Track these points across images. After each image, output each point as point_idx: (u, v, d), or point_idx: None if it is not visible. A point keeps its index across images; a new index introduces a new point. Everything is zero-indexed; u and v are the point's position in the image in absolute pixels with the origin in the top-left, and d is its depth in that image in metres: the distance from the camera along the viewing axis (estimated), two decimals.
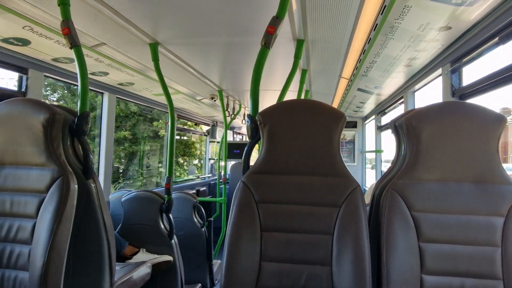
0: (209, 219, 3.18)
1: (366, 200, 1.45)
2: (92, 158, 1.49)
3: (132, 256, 2.19)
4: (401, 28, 1.68)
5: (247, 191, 1.30)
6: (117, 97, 3.08)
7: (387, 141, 4.20)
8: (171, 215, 2.30)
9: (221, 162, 4.70)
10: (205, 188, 5.26)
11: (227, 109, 4.07)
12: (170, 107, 2.38)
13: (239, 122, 6.24)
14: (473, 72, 1.85)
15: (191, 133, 5.86)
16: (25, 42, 1.89)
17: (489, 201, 1.19)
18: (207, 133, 6.03)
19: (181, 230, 2.85)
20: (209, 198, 4.82)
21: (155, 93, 3.40)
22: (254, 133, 1.40)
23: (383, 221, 1.22)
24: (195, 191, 4.76)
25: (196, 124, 5.57)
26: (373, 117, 4.41)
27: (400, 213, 1.21)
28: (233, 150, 4.82)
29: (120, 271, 1.78)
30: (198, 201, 2.94)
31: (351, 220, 1.22)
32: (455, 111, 1.23)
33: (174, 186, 4.01)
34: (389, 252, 1.19)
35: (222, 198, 4.11)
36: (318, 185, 1.28)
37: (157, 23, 1.87)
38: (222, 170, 4.49)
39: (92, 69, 2.49)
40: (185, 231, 2.88)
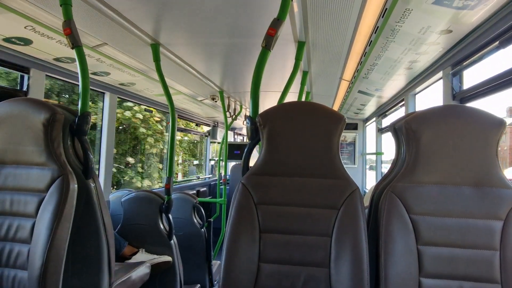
0: (208, 219, 3.18)
1: (366, 202, 1.45)
2: (92, 158, 1.50)
3: (131, 256, 2.19)
4: (402, 31, 1.68)
5: (246, 193, 1.30)
6: (118, 97, 3.09)
7: (388, 143, 4.20)
8: (170, 216, 2.30)
9: (222, 162, 4.70)
10: (205, 188, 5.26)
11: (228, 110, 4.07)
12: (171, 108, 2.39)
13: (240, 123, 6.25)
14: (474, 75, 1.86)
15: (192, 133, 5.87)
16: (27, 41, 1.90)
17: (488, 205, 1.19)
18: (207, 134, 6.03)
19: (180, 230, 2.86)
20: (209, 198, 4.82)
21: (156, 93, 3.40)
22: (254, 135, 1.40)
23: (381, 223, 1.22)
24: (195, 192, 4.77)
25: (197, 124, 5.57)
26: (374, 119, 4.41)
27: (398, 216, 1.21)
28: (233, 151, 4.83)
29: (119, 271, 1.79)
30: (198, 202, 2.95)
31: (350, 222, 1.22)
32: (454, 115, 1.23)
33: (174, 186, 4.01)
34: (388, 254, 1.19)
35: (222, 199, 4.10)
36: (317, 187, 1.28)
37: (158, 24, 1.87)
38: (222, 170, 4.49)
39: (93, 69, 2.50)
40: (185, 231, 2.88)
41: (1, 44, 1.88)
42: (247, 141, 1.43)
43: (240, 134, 7.89)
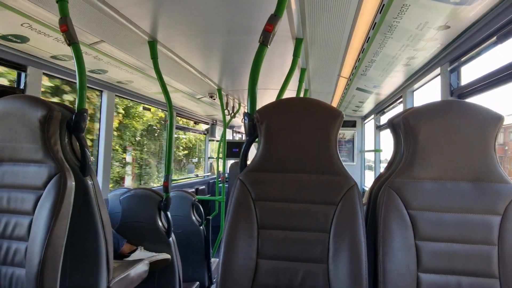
0: (207, 217, 3.18)
1: (365, 199, 1.46)
2: (89, 155, 1.49)
3: (130, 254, 2.19)
4: (400, 27, 1.68)
5: (244, 189, 1.30)
6: (116, 95, 3.08)
7: (386, 140, 4.21)
8: (169, 213, 2.30)
9: (220, 160, 4.70)
10: (204, 186, 5.26)
11: (227, 108, 4.07)
12: (169, 106, 2.38)
13: (238, 121, 6.24)
14: (472, 71, 1.86)
15: (191, 131, 5.85)
16: (23, 39, 1.89)
17: (485, 200, 1.19)
18: (206, 132, 6.02)
19: (179, 228, 2.86)
20: (208, 196, 4.82)
21: (154, 91, 3.39)
22: (251, 131, 1.40)
23: (380, 219, 1.22)
24: (194, 190, 4.77)
25: (195, 122, 5.56)
26: (372, 116, 4.41)
27: (397, 211, 1.21)
28: (232, 148, 4.82)
29: (117, 268, 1.78)
30: (196, 200, 2.94)
31: (348, 218, 1.22)
32: (452, 110, 1.23)
33: (173, 184, 4.01)
34: (386, 250, 1.19)
35: (221, 196, 4.10)
36: (315, 183, 1.28)
37: (156, 21, 1.87)
38: (221, 168, 4.49)
39: (91, 67, 2.49)
40: (184, 229, 2.88)
41: None
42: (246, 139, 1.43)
43: (238, 132, 7.89)
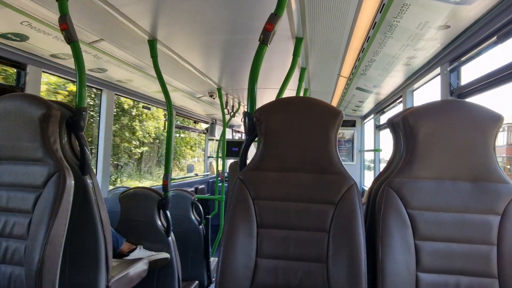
0: (207, 216, 3.18)
1: (364, 199, 1.46)
2: (89, 154, 1.49)
3: (129, 253, 2.19)
4: (400, 26, 1.67)
5: (243, 188, 1.30)
6: (115, 94, 3.08)
7: (386, 140, 4.21)
8: (168, 212, 2.30)
9: (220, 160, 4.70)
10: (203, 186, 5.26)
11: (226, 107, 4.06)
12: (168, 105, 2.38)
13: (238, 120, 6.24)
14: (471, 71, 1.86)
15: (190, 130, 5.85)
16: (23, 37, 1.89)
17: (485, 200, 1.19)
18: (206, 131, 6.02)
19: (178, 227, 2.85)
20: (207, 195, 4.82)
21: (154, 90, 3.39)
22: (251, 130, 1.40)
23: (379, 218, 1.22)
24: (193, 189, 4.76)
25: (195, 122, 5.56)
26: (372, 116, 4.41)
27: (396, 211, 1.21)
28: (231, 148, 4.82)
29: (117, 267, 1.78)
30: (196, 199, 2.94)
31: (347, 217, 1.22)
32: (452, 110, 1.23)
33: (172, 183, 4.00)
34: (385, 249, 1.19)
35: (220, 196, 4.10)
36: (314, 182, 1.28)
37: (155, 20, 1.86)
38: (220, 168, 4.49)
39: (90, 66, 2.48)
40: (183, 228, 2.88)
41: None
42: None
43: (238, 131, 7.88)
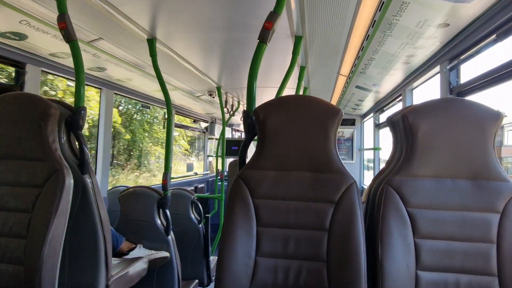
0: (206, 215, 3.18)
1: (364, 197, 1.45)
2: (88, 153, 1.49)
3: (129, 252, 2.19)
4: (399, 25, 1.67)
5: (243, 187, 1.29)
6: (114, 93, 3.07)
7: (385, 139, 4.21)
8: (168, 211, 2.30)
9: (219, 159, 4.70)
10: (203, 185, 5.26)
11: (226, 106, 4.06)
12: (167, 104, 2.37)
13: (237, 119, 6.23)
14: (471, 69, 1.85)
15: (190, 129, 5.85)
16: (22, 36, 1.88)
17: (484, 198, 1.19)
18: (205, 130, 6.01)
19: (178, 226, 2.85)
20: (207, 194, 4.82)
21: (153, 89, 3.39)
22: (250, 129, 1.40)
23: (378, 217, 1.22)
24: (193, 188, 4.76)
25: (194, 121, 5.56)
26: (372, 115, 4.42)
27: (395, 209, 1.21)
28: (231, 147, 4.82)
29: (116, 266, 1.78)
30: (195, 198, 2.94)
31: (347, 216, 1.22)
32: (451, 108, 1.23)
33: (172, 182, 4.00)
34: (385, 248, 1.19)
35: (220, 195, 4.10)
36: (314, 181, 1.28)
37: (154, 18, 1.86)
38: (220, 167, 4.49)
39: (89, 65, 2.48)
40: (183, 227, 2.88)
41: None
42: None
43: (237, 130, 7.88)
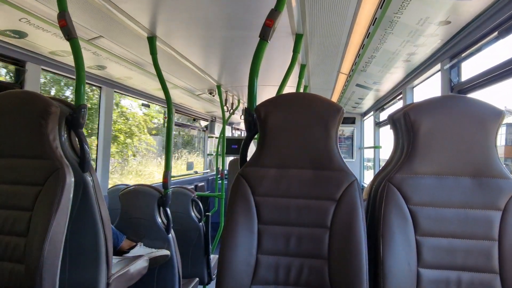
0: (207, 213, 3.18)
1: (365, 196, 1.45)
2: (88, 151, 1.49)
3: (129, 250, 2.19)
4: (400, 22, 1.67)
5: (244, 184, 1.29)
6: (115, 91, 3.07)
7: (386, 138, 4.21)
8: (168, 210, 2.30)
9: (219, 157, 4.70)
10: (203, 183, 5.26)
11: (226, 104, 4.06)
12: (168, 102, 2.37)
13: (237, 118, 6.23)
14: (473, 66, 1.85)
15: (190, 128, 5.85)
16: (22, 34, 1.88)
17: (486, 195, 1.18)
18: (205, 128, 6.01)
19: (178, 224, 2.85)
20: (207, 193, 4.82)
21: (153, 87, 3.38)
22: (251, 127, 1.39)
23: (380, 214, 1.22)
24: (193, 186, 4.76)
25: (194, 119, 5.56)
26: (372, 113, 4.41)
27: (397, 207, 1.21)
28: (231, 145, 4.82)
29: (117, 264, 1.78)
30: (196, 196, 2.94)
31: (348, 213, 1.22)
32: (453, 105, 1.23)
33: (172, 181, 4.00)
34: (386, 245, 1.19)
35: (220, 193, 4.10)
36: (315, 178, 1.27)
37: (155, 17, 1.85)
38: (220, 165, 4.49)
39: (89, 63, 2.47)
40: (183, 225, 2.88)
41: None
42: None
43: (237, 129, 7.88)
